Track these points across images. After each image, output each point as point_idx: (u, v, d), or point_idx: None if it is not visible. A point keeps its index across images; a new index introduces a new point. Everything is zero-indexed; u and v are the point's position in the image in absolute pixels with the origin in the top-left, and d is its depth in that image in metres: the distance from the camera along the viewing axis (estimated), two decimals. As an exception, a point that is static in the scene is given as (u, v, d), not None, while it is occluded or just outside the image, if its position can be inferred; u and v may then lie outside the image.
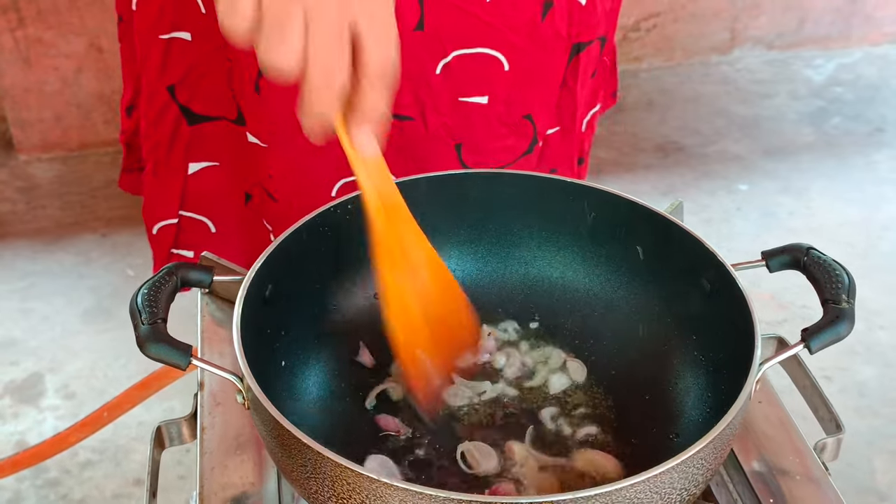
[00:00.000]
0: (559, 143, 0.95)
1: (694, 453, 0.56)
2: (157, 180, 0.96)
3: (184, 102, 0.92)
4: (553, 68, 0.90)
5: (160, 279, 0.65)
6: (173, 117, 0.92)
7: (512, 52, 0.86)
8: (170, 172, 0.96)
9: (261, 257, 0.69)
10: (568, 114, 0.94)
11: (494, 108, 0.88)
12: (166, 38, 0.89)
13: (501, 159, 0.91)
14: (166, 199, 0.97)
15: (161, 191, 0.97)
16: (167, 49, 0.89)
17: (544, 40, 0.87)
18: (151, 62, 0.90)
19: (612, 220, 0.78)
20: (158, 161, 0.95)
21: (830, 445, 0.72)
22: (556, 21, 0.86)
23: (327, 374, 0.74)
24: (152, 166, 0.96)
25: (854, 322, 0.63)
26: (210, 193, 0.98)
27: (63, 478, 1.64)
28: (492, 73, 0.86)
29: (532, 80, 0.88)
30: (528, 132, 0.91)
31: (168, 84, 0.91)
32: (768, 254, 0.70)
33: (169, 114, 0.92)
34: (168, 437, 0.74)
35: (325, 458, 0.56)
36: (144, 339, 0.61)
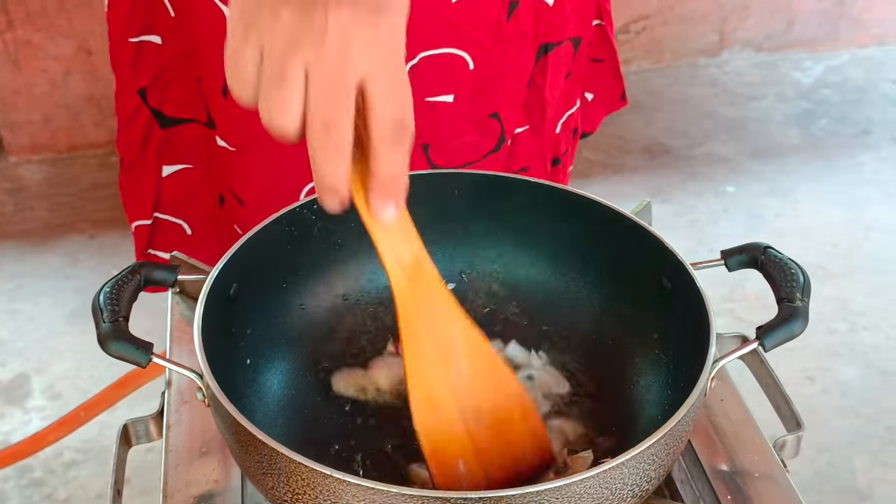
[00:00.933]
0: (528, 141, 0.96)
1: (644, 449, 0.57)
2: (131, 180, 0.97)
3: (155, 106, 0.92)
4: (519, 67, 0.90)
5: (123, 278, 0.66)
6: (144, 120, 0.93)
7: (477, 51, 0.86)
8: (143, 173, 0.96)
9: (225, 255, 0.69)
10: (537, 113, 0.94)
11: (460, 106, 0.89)
12: (136, 41, 0.89)
13: (468, 157, 0.92)
14: (140, 199, 0.97)
15: (135, 190, 0.97)
16: (137, 52, 0.89)
17: (509, 39, 0.87)
18: (123, 64, 0.90)
19: (576, 219, 0.78)
20: (132, 161, 0.96)
21: (790, 443, 0.73)
22: (521, 21, 0.87)
23: (293, 372, 0.74)
24: (127, 166, 0.96)
25: (808, 320, 0.64)
26: (185, 196, 0.98)
27: (47, 478, 1.65)
28: (457, 72, 0.87)
29: (498, 78, 0.89)
30: (495, 130, 0.92)
31: (139, 87, 0.91)
32: (727, 253, 0.71)
33: (140, 116, 0.92)
34: (135, 434, 0.75)
35: (279, 454, 0.56)
36: (105, 336, 0.62)
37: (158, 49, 0.89)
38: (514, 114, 0.93)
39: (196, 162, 0.96)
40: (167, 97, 0.92)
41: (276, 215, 0.73)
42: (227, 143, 0.90)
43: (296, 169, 0.89)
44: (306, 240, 0.75)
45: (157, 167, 0.96)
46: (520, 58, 0.89)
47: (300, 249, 0.76)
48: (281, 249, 0.74)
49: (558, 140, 1.01)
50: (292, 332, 0.75)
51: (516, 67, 0.90)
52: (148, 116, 0.93)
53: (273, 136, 0.53)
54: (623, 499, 0.58)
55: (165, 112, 0.93)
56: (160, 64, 0.90)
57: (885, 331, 1.97)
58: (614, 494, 0.57)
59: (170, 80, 0.91)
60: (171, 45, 0.89)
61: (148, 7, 0.87)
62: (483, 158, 0.93)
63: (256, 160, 0.89)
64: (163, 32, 0.88)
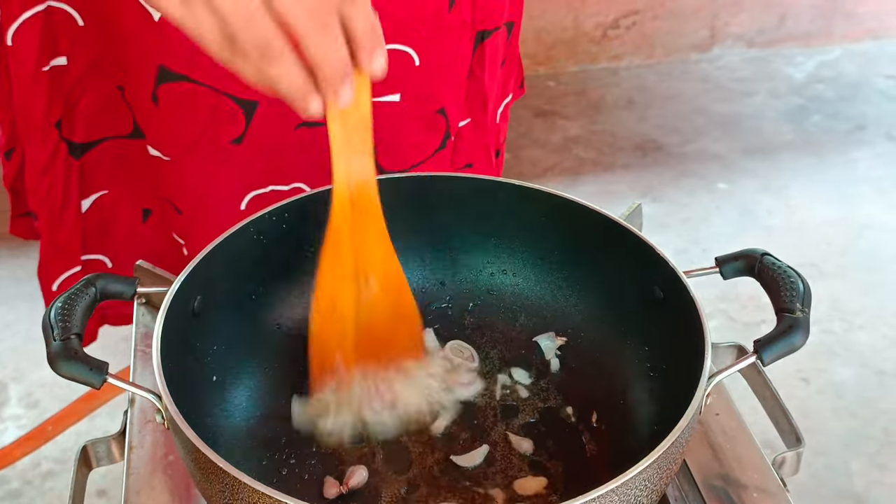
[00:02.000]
0: (472, 135, 0.92)
1: (634, 475, 0.53)
2: (56, 234, 0.90)
3: (67, 136, 0.86)
4: (460, 58, 0.86)
5: (76, 292, 0.61)
6: (63, 159, 0.87)
7: (422, 45, 0.82)
8: (67, 221, 0.90)
9: (187, 268, 0.65)
10: (478, 104, 0.90)
11: (407, 104, 0.85)
12: (48, 69, 0.82)
13: (415, 157, 0.88)
14: (69, 247, 0.92)
15: (63, 241, 0.91)
16: (51, 82, 0.83)
17: (450, 30, 0.83)
18: (36, 102, 0.83)
19: (565, 225, 0.74)
20: (53, 212, 0.89)
21: (790, 460, 0.69)
22: (462, 10, 0.83)
23: (263, 389, 0.70)
24: (47, 220, 0.89)
25: (809, 332, 0.60)
26: (105, 225, 0.93)
27: (24, 489, 1.60)
28: (403, 70, 0.82)
29: (442, 72, 0.85)
30: (441, 126, 0.88)
31: (56, 120, 0.85)
32: (722, 260, 0.67)
33: (59, 155, 0.86)
34: (95, 456, 0.70)
35: (241, 484, 0.52)
36: (55, 356, 0.58)
37: (65, 71, 0.83)
38: (457, 107, 0.89)
39: (113, 183, 0.91)
40: (75, 122, 0.86)
41: (241, 224, 0.69)
42: (161, 152, 0.85)
43: (234, 175, 0.85)
44: (275, 248, 0.71)
45: (78, 205, 0.90)
46: (459, 48, 0.86)
47: (269, 259, 0.71)
48: (248, 260, 0.70)
49: (498, 130, 0.98)
50: (262, 347, 0.71)
51: (457, 59, 0.86)
52: (65, 154, 0.87)
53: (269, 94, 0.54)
54: (613, 527, 0.54)
55: (76, 140, 0.87)
56: (67, 88, 0.84)
57: (880, 330, 1.93)
58: (603, 523, 0.53)
59: (75, 102, 0.85)
60: (77, 61, 0.82)
61: (56, 24, 0.81)
62: (430, 157, 0.89)
63: (193, 167, 0.85)
64: (68, 50, 0.82)
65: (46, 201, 0.88)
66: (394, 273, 0.68)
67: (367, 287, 0.67)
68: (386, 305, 0.68)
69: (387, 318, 0.69)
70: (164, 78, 0.79)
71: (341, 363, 0.67)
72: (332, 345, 0.67)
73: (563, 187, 0.86)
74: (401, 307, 0.69)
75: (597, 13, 2.65)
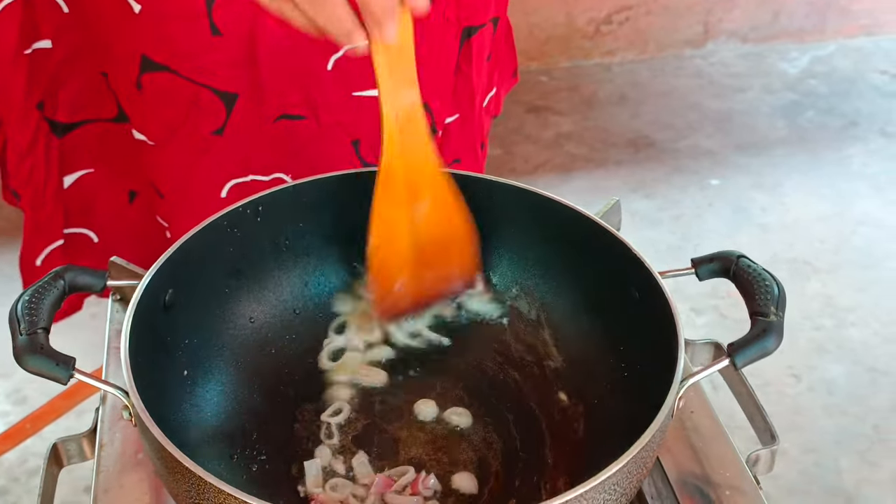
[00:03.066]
0: (460, 130, 0.92)
1: (604, 479, 0.52)
2: (39, 213, 0.91)
3: (49, 116, 0.87)
4: (445, 55, 0.87)
5: (43, 285, 0.61)
6: (43, 140, 0.87)
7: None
8: (49, 195, 0.90)
9: (159, 260, 0.65)
10: (466, 100, 0.91)
11: None
12: (30, 52, 0.83)
13: None
14: (51, 224, 0.92)
15: (45, 219, 0.91)
16: (31, 64, 0.83)
17: (433, 26, 0.83)
18: (15, 85, 0.84)
19: (543, 223, 0.74)
20: (36, 193, 0.89)
21: (764, 457, 0.68)
22: (443, 5, 0.83)
23: (235, 384, 0.70)
24: (30, 200, 0.90)
25: (782, 336, 0.59)
26: (88, 202, 0.93)
27: (11, 486, 1.60)
28: None
29: (425, 68, 0.84)
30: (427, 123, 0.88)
31: (37, 102, 0.85)
32: (697, 261, 0.66)
33: (39, 139, 0.87)
34: (66, 454, 0.70)
35: (207, 484, 0.52)
36: (21, 350, 0.57)
37: (48, 54, 0.84)
38: (444, 103, 0.90)
39: (97, 163, 0.91)
40: (58, 103, 0.86)
41: (215, 216, 0.68)
42: (145, 136, 0.85)
43: (216, 162, 0.85)
44: (249, 242, 0.71)
45: (60, 182, 0.90)
46: (444, 45, 0.86)
47: (243, 252, 0.71)
48: (221, 252, 0.70)
49: (482, 123, 0.98)
50: (234, 341, 0.71)
51: (442, 55, 0.87)
52: (46, 132, 0.87)
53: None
54: (581, 528, 0.53)
55: (59, 119, 0.87)
56: (51, 70, 0.84)
57: (872, 327, 1.93)
58: (572, 525, 0.52)
59: (60, 85, 0.85)
60: (62, 46, 0.83)
61: (37, 9, 0.81)
62: None
63: (175, 154, 0.85)
64: (52, 34, 0.83)
65: (29, 182, 0.89)
66: (445, 191, 0.70)
67: (421, 208, 0.69)
68: (441, 223, 0.70)
69: (443, 236, 0.71)
70: (147, 67, 0.80)
71: (402, 286, 0.70)
72: (393, 270, 0.70)
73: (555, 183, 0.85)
74: (455, 224, 0.71)
75: (589, 8, 2.64)
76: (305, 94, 0.82)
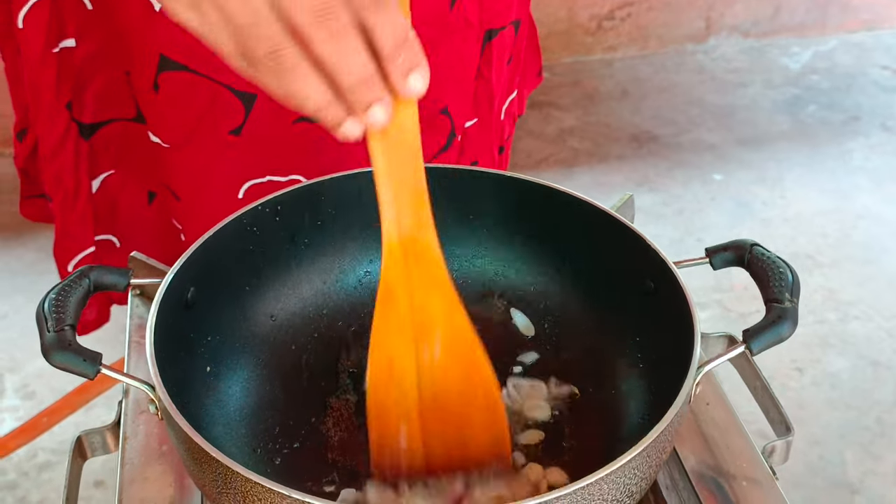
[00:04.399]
0: (478, 134, 0.92)
1: (624, 463, 0.53)
2: (70, 214, 0.90)
3: (77, 117, 0.87)
4: (466, 58, 0.87)
5: (69, 283, 0.62)
6: (73, 140, 0.87)
7: (425, 45, 0.82)
8: (80, 201, 0.90)
9: (181, 259, 0.65)
10: (485, 104, 0.91)
11: None
12: (57, 51, 0.83)
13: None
14: (82, 228, 0.92)
15: (76, 222, 0.91)
16: (60, 63, 0.83)
17: (454, 30, 0.83)
18: (45, 83, 0.83)
19: (557, 217, 0.74)
20: (67, 194, 0.89)
21: (779, 448, 0.69)
22: (465, 9, 0.83)
23: (257, 380, 0.71)
24: (61, 201, 0.89)
25: (797, 322, 0.60)
26: (112, 206, 0.93)
27: (21, 480, 1.61)
28: None
29: (446, 72, 0.85)
30: (446, 127, 0.88)
31: (66, 101, 0.85)
32: (712, 251, 0.68)
33: (70, 137, 0.87)
34: (90, 447, 0.71)
35: (234, 473, 0.53)
36: (49, 347, 0.58)
37: (73, 53, 0.83)
38: (463, 107, 0.90)
39: (118, 164, 0.91)
40: (84, 103, 0.86)
41: (235, 215, 0.69)
42: (160, 139, 0.85)
43: (231, 164, 0.85)
44: (268, 240, 0.71)
45: (89, 186, 0.90)
46: (465, 48, 0.86)
47: (263, 251, 0.72)
48: (242, 251, 0.70)
49: (503, 127, 0.98)
50: (255, 339, 0.71)
51: (463, 59, 0.86)
52: (76, 134, 0.87)
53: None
54: (603, 515, 0.55)
55: (85, 120, 0.87)
56: (75, 69, 0.84)
57: (875, 321, 1.94)
58: (593, 511, 0.54)
59: (84, 84, 0.85)
60: (85, 44, 0.83)
61: (62, 8, 0.81)
62: (435, 158, 0.89)
63: (191, 156, 0.85)
64: (76, 32, 0.82)
65: (59, 183, 0.88)
66: (461, 334, 0.59)
67: (429, 350, 0.58)
68: (455, 374, 0.59)
69: (457, 389, 0.60)
70: (164, 66, 0.80)
71: (406, 439, 0.59)
72: (394, 417, 0.59)
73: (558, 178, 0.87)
74: (473, 378, 0.60)
75: (591, 4, 2.65)
76: None
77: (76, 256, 0.93)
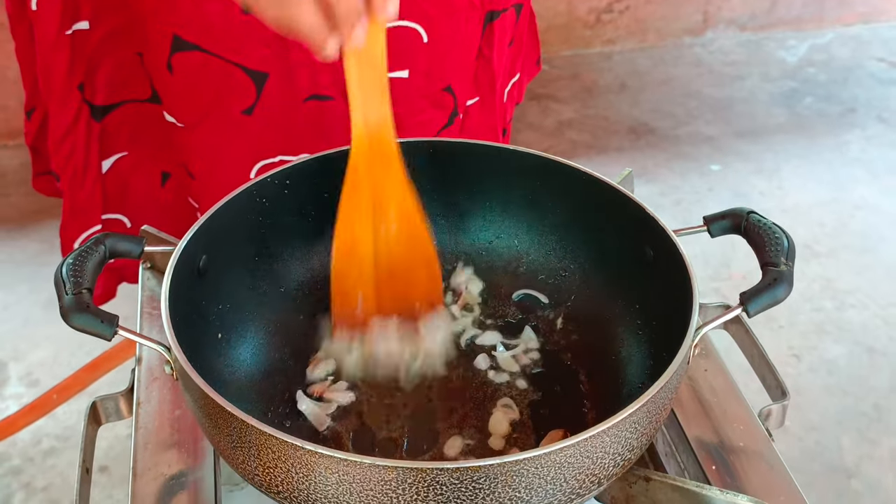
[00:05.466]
0: (479, 113, 0.94)
1: (626, 416, 0.55)
2: (79, 193, 0.92)
3: (89, 99, 0.88)
4: (468, 38, 0.88)
5: (86, 249, 0.63)
6: (84, 122, 0.89)
7: (429, 23, 0.84)
8: (89, 178, 0.92)
9: (192, 228, 0.67)
10: (486, 84, 0.92)
11: (415, 81, 0.86)
12: (70, 33, 0.84)
13: (421, 134, 0.89)
14: (90, 207, 0.93)
15: (84, 200, 0.93)
16: (73, 45, 0.84)
17: (457, 9, 0.85)
18: (58, 66, 0.85)
19: (559, 189, 0.76)
20: (76, 173, 0.91)
21: (776, 412, 0.71)
22: None
23: (266, 347, 0.72)
24: (70, 180, 0.91)
25: (792, 285, 0.62)
26: (123, 186, 0.95)
27: (26, 465, 1.62)
28: (411, 46, 0.84)
29: (449, 50, 0.87)
30: (449, 104, 0.90)
31: (78, 83, 0.87)
32: (709, 219, 0.69)
33: (80, 120, 0.88)
34: (104, 413, 0.72)
35: (249, 427, 0.54)
36: (67, 309, 0.59)
37: (87, 35, 0.85)
38: (465, 86, 0.91)
39: (130, 145, 0.93)
40: (97, 85, 0.88)
41: (244, 186, 0.71)
42: (176, 118, 0.87)
43: (245, 143, 0.86)
44: (278, 212, 0.73)
45: (99, 166, 0.92)
46: (468, 28, 0.87)
47: (272, 222, 0.73)
48: (251, 221, 0.72)
49: (505, 109, 0.99)
50: (265, 307, 0.73)
51: (465, 38, 0.88)
52: (87, 115, 0.88)
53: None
54: (605, 468, 0.56)
55: (97, 102, 0.89)
56: (89, 51, 0.85)
57: (871, 309, 1.96)
58: (595, 464, 0.55)
59: (96, 66, 0.86)
60: (99, 26, 0.84)
61: None
62: (437, 135, 0.90)
63: (205, 135, 0.86)
64: (89, 14, 0.84)
65: (69, 163, 0.90)
66: (411, 211, 0.70)
67: (385, 225, 0.70)
68: (404, 243, 0.71)
69: (405, 255, 0.71)
70: (178, 47, 0.81)
71: (362, 301, 0.70)
72: (353, 283, 0.70)
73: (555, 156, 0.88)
74: (418, 245, 0.71)
75: (544, -16, 2.66)
76: (335, 74, 0.83)
77: (82, 234, 0.94)
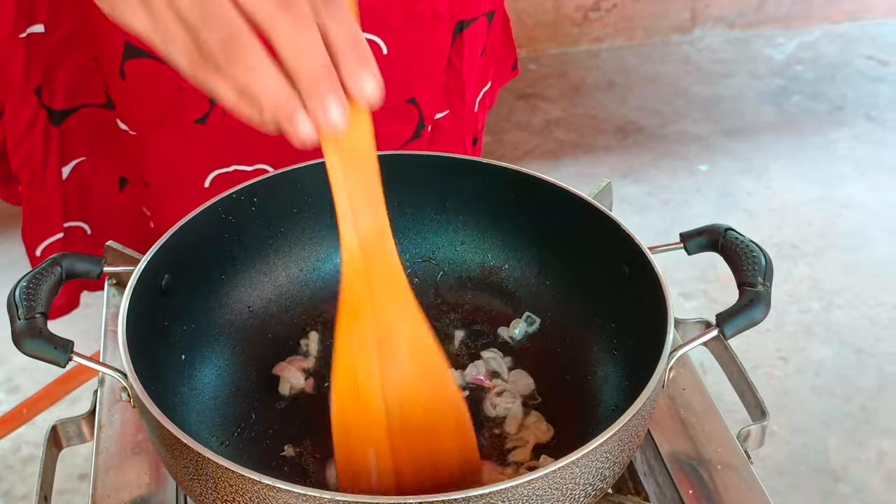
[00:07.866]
0: (450, 126, 0.92)
1: (595, 447, 0.53)
2: (37, 196, 0.90)
3: (47, 103, 0.86)
4: (436, 49, 0.86)
5: (41, 271, 0.62)
6: (42, 125, 0.87)
7: (389, 34, 0.82)
8: (48, 184, 0.90)
9: (155, 245, 0.65)
10: (456, 95, 0.90)
11: None
12: (25, 36, 0.83)
13: (385, 147, 0.87)
14: (49, 213, 0.91)
15: (43, 206, 0.90)
16: (28, 48, 0.83)
17: (423, 19, 0.83)
18: (14, 68, 0.83)
19: (534, 203, 0.74)
20: (34, 175, 0.89)
21: (755, 433, 0.70)
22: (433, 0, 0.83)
23: (232, 367, 0.70)
24: (28, 182, 0.89)
25: (770, 305, 0.60)
26: (83, 192, 0.93)
27: (5, 473, 1.60)
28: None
29: (413, 62, 0.85)
30: (413, 116, 0.88)
31: (35, 87, 0.85)
32: (686, 235, 0.68)
33: (37, 124, 0.86)
34: (65, 436, 0.70)
35: (205, 459, 0.52)
36: (19, 334, 0.58)
37: (42, 38, 0.83)
38: (433, 98, 0.89)
39: (89, 150, 0.91)
40: (54, 89, 0.86)
41: (209, 203, 0.69)
42: (128, 126, 0.85)
43: (198, 153, 0.85)
44: (244, 228, 0.71)
45: (59, 172, 0.90)
46: (434, 39, 0.85)
47: (239, 239, 0.72)
48: (217, 238, 0.70)
49: (476, 119, 0.98)
50: (231, 327, 0.71)
51: (432, 49, 0.86)
52: (44, 120, 0.86)
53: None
54: (576, 499, 0.55)
55: (54, 107, 0.87)
56: (45, 55, 0.84)
57: (859, 309, 1.95)
58: (566, 495, 0.54)
59: (54, 70, 0.85)
60: (55, 29, 0.82)
61: None
62: (403, 147, 0.88)
63: (158, 144, 0.85)
64: (45, 18, 0.82)
65: (27, 165, 0.88)
66: (425, 347, 0.57)
67: (393, 361, 0.56)
68: (422, 390, 0.57)
69: (424, 407, 0.58)
70: (130, 54, 0.79)
71: (376, 463, 0.57)
72: (361, 433, 0.57)
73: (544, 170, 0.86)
74: (439, 387, 0.58)
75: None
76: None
77: (44, 241, 0.93)
